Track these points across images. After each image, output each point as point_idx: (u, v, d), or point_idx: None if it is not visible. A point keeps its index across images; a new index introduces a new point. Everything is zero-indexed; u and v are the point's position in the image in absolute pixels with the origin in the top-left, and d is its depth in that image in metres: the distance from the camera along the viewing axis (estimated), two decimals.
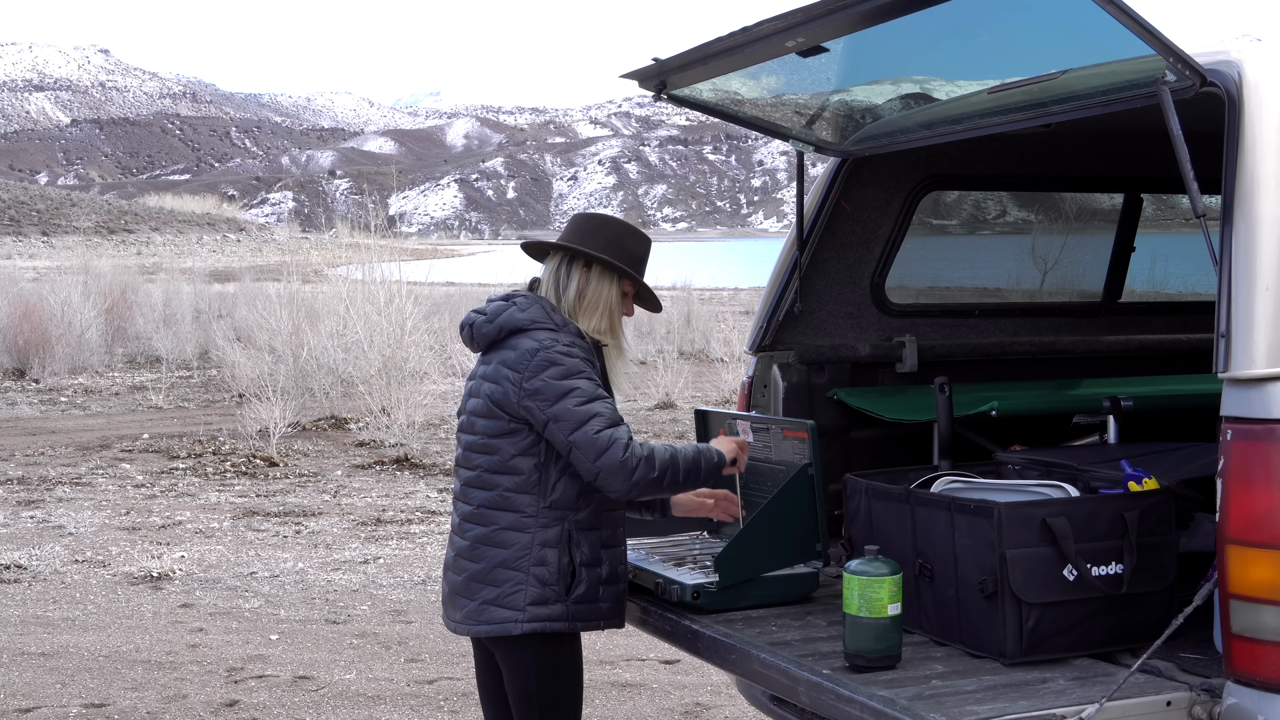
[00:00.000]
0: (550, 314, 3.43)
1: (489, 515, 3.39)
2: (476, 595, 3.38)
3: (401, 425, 12.93)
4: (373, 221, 19.95)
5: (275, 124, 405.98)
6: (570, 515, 3.37)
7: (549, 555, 3.35)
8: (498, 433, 3.37)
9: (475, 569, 3.39)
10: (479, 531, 3.40)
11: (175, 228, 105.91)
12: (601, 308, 3.48)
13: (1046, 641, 2.95)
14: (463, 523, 3.47)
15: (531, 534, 3.35)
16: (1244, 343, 2.63)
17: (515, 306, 3.45)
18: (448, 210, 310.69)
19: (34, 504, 10.41)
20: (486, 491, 3.40)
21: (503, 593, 3.35)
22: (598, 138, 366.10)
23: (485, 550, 3.38)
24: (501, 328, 3.42)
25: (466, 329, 3.54)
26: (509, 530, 3.36)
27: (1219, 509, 2.67)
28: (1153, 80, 2.78)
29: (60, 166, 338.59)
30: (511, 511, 3.36)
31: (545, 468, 3.35)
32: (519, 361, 3.33)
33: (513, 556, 3.35)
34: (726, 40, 3.25)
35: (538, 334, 3.37)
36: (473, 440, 3.45)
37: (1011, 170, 4.82)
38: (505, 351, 3.39)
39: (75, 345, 19.88)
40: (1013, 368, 4.77)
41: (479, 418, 3.42)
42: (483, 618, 3.38)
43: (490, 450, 3.39)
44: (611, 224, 3.57)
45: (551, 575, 3.35)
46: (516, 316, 3.42)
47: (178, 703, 5.94)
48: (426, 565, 8.45)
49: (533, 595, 3.34)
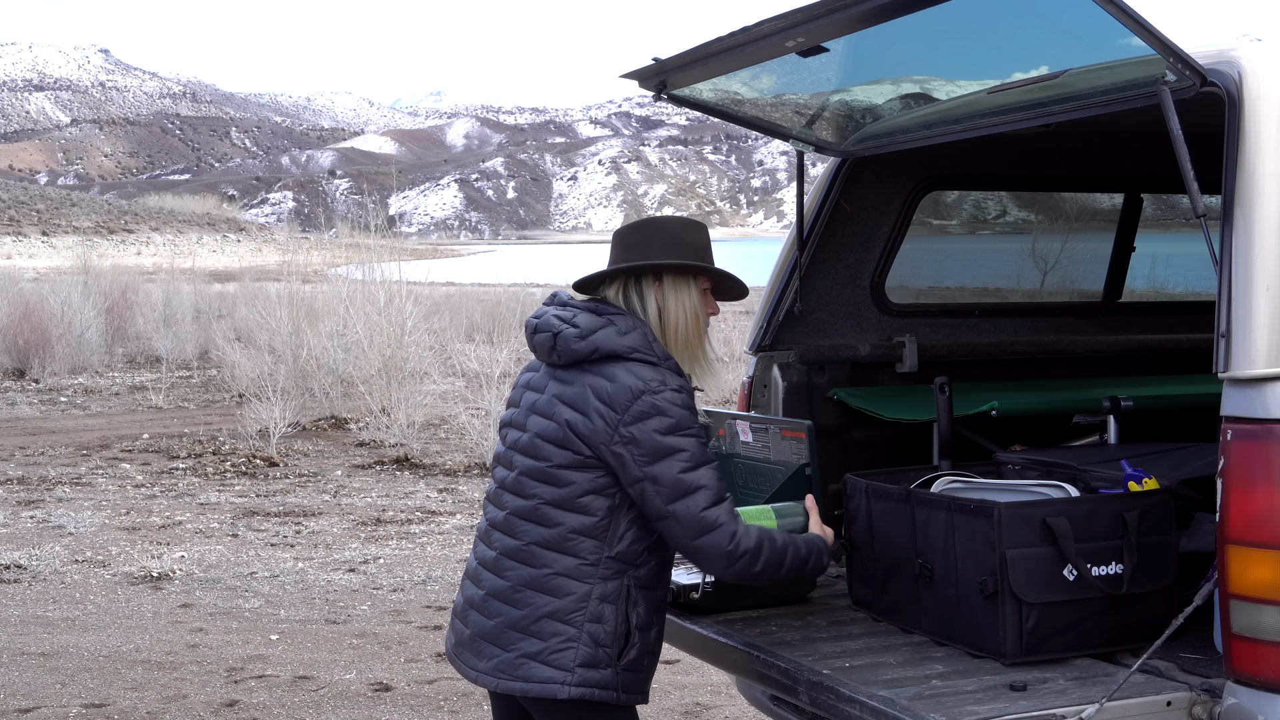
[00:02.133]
0: (652, 344, 3.00)
1: (542, 556, 2.96)
2: (513, 646, 2.96)
3: (401, 425, 12.93)
4: (373, 221, 19.94)
5: (275, 124, 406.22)
6: (631, 570, 2.97)
7: (606, 612, 2.94)
8: (571, 464, 2.96)
9: (515, 615, 2.97)
10: (526, 574, 2.97)
11: (175, 228, 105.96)
12: (687, 320, 3.08)
13: (1046, 641, 2.94)
14: (502, 558, 3.02)
15: (590, 585, 2.94)
16: (1244, 343, 2.63)
17: (615, 327, 3.00)
18: (448, 210, 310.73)
19: (34, 504, 10.41)
20: (544, 528, 2.97)
21: (548, 648, 2.93)
22: (598, 138, 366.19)
23: (531, 596, 2.96)
24: (597, 349, 2.98)
25: (548, 336, 3.07)
26: (565, 577, 2.94)
27: (1219, 509, 2.67)
28: (1153, 80, 2.78)
29: (60, 166, 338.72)
30: (571, 556, 2.94)
31: (617, 512, 2.96)
32: (617, 398, 2.92)
33: (566, 608, 2.93)
34: (726, 40, 3.25)
35: (639, 369, 2.94)
36: (535, 466, 3.01)
37: (1011, 170, 4.82)
38: (597, 379, 2.96)
39: (75, 345, 19.88)
40: (1013, 368, 4.77)
41: (549, 443, 2.99)
42: (519, 672, 2.95)
43: (558, 481, 2.97)
44: (661, 224, 3.17)
45: (606, 635, 2.94)
46: (616, 341, 2.98)
47: (178, 703, 5.94)
48: (426, 565, 8.45)
49: (584, 656, 2.92)
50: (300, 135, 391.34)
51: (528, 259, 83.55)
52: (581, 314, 3.05)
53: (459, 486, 11.16)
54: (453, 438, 13.36)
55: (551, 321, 3.06)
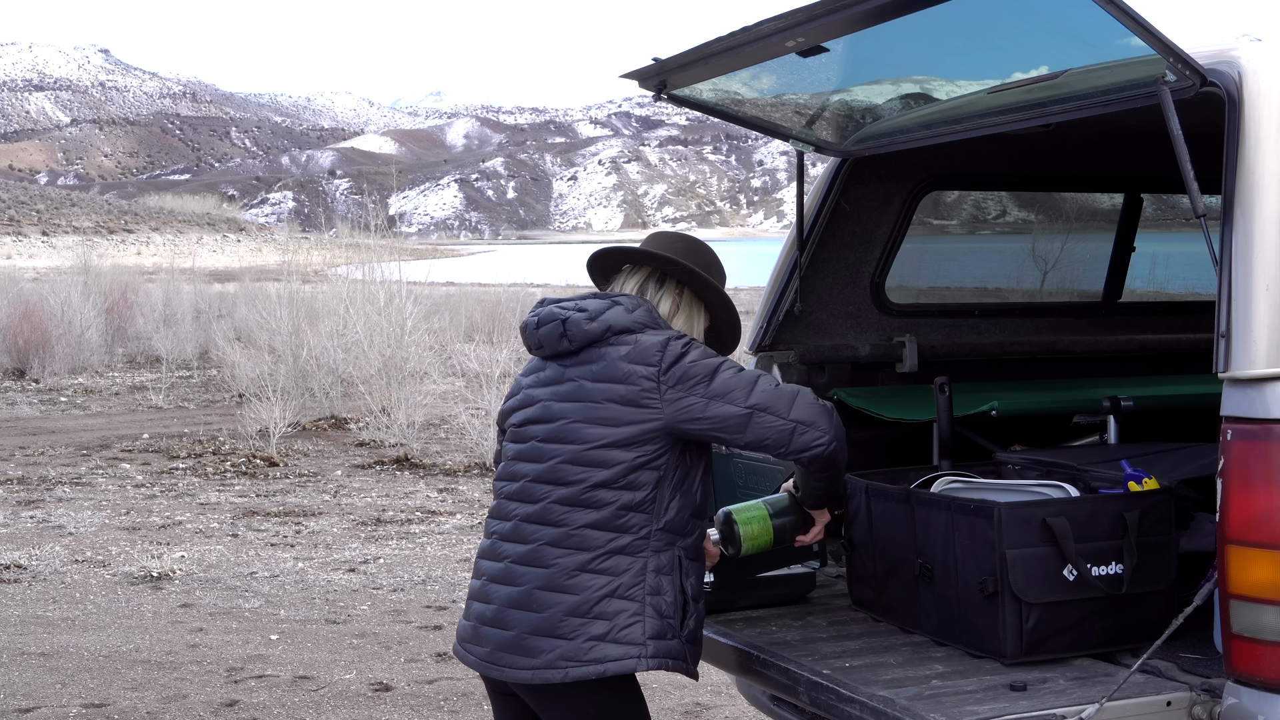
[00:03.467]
0: (657, 320, 3.06)
1: (594, 538, 2.93)
2: (576, 633, 2.90)
3: (401, 425, 12.93)
4: (373, 221, 19.95)
5: (275, 124, 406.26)
6: (680, 540, 2.99)
7: (664, 584, 2.94)
8: (617, 441, 2.94)
9: (573, 601, 2.91)
10: (578, 558, 2.93)
11: (175, 228, 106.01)
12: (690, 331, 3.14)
13: (1046, 641, 2.94)
14: (544, 548, 2.97)
15: (644, 559, 2.94)
16: (1244, 343, 2.63)
17: (621, 306, 3.05)
18: (448, 210, 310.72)
19: (34, 504, 10.41)
20: (593, 511, 2.94)
21: (615, 625, 2.90)
22: (598, 138, 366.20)
23: (588, 579, 2.91)
24: (610, 327, 3.01)
25: (556, 325, 3.08)
26: (620, 554, 2.93)
27: (1219, 509, 2.67)
28: (1153, 80, 2.78)
29: (60, 166, 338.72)
30: (624, 533, 2.93)
31: (663, 483, 2.96)
32: (647, 354, 2.95)
33: (626, 584, 2.92)
34: (726, 40, 3.24)
35: (652, 335, 3.00)
36: (576, 451, 2.97)
37: (1011, 170, 4.82)
38: (617, 348, 2.99)
39: (75, 345, 19.89)
40: (1013, 368, 4.77)
41: (589, 423, 2.96)
42: (591, 655, 2.89)
43: (604, 463, 2.94)
44: (705, 249, 3.21)
45: (668, 606, 2.94)
46: (625, 317, 3.02)
47: (178, 703, 5.94)
48: (426, 565, 8.45)
49: (653, 628, 2.91)
50: (300, 135, 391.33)
51: (528, 259, 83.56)
52: (585, 300, 3.09)
53: (459, 486, 11.16)
54: (453, 438, 13.37)
55: (555, 311, 3.10)
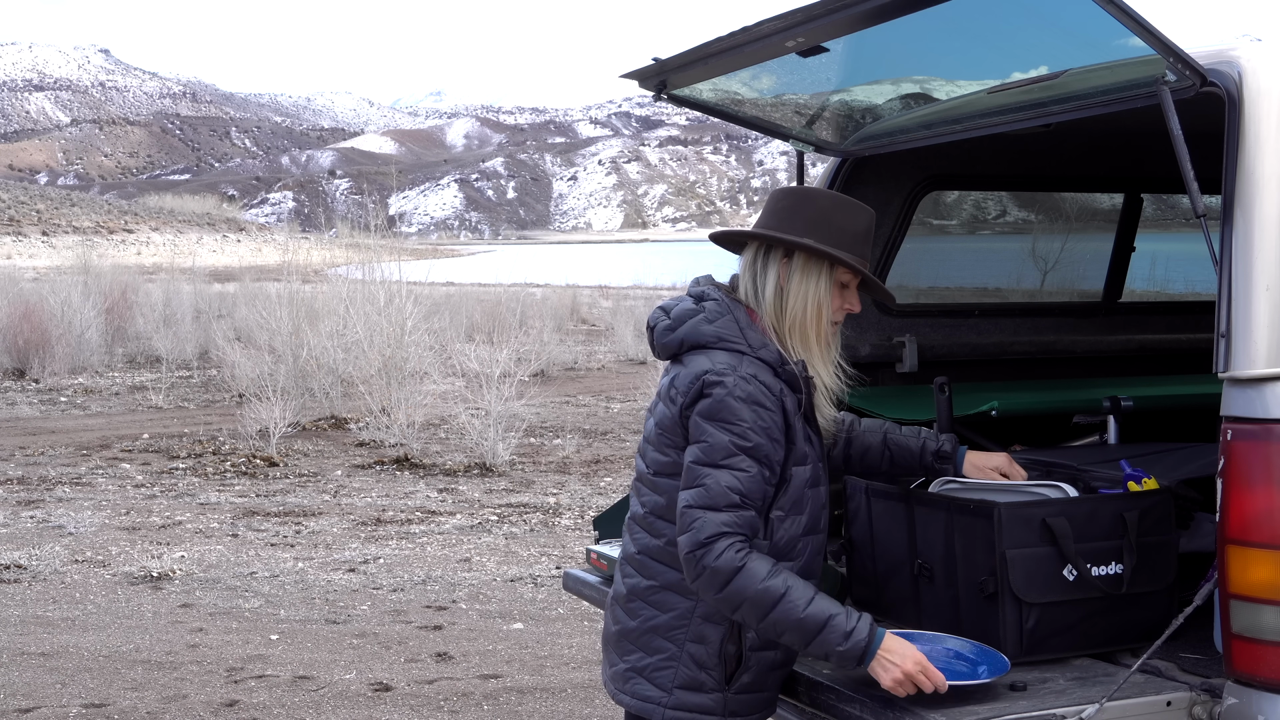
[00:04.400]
0: (744, 331, 2.78)
1: (650, 566, 2.82)
2: (627, 656, 2.84)
3: (401, 425, 12.93)
4: (373, 221, 19.94)
5: (275, 124, 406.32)
6: None
7: (708, 633, 2.75)
8: (665, 470, 2.79)
9: (629, 625, 2.84)
10: (638, 583, 2.84)
11: (175, 228, 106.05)
12: (806, 309, 2.80)
13: (1046, 641, 2.94)
14: (624, 563, 2.91)
15: (694, 601, 2.75)
16: (1244, 343, 2.63)
17: (703, 315, 2.81)
18: (448, 210, 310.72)
19: (34, 504, 10.41)
20: (651, 538, 2.82)
21: (652, 664, 2.78)
22: (598, 138, 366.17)
23: (641, 607, 2.82)
24: (683, 341, 2.82)
25: (649, 332, 2.95)
26: (668, 591, 2.78)
27: (1219, 509, 2.67)
28: (1153, 80, 2.78)
29: (60, 166, 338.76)
30: (674, 569, 2.75)
31: None
32: (684, 381, 2.76)
33: (669, 624, 2.77)
34: (726, 40, 3.24)
35: (717, 355, 2.75)
36: (643, 472, 2.87)
37: (1011, 170, 4.82)
38: (680, 368, 2.81)
39: (75, 345, 19.89)
40: (1013, 368, 4.77)
41: (650, 446, 2.86)
42: (627, 687, 2.83)
43: (656, 490, 2.81)
44: (815, 197, 2.87)
45: (709, 658, 2.75)
46: (701, 329, 2.80)
47: (178, 703, 5.94)
48: (426, 565, 8.45)
49: (683, 677, 2.76)
50: (300, 135, 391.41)
51: (528, 259, 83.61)
52: (679, 306, 2.88)
53: (459, 486, 11.16)
54: (453, 438, 13.37)
55: (655, 315, 2.93)
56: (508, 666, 6.39)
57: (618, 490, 10.74)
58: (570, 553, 8.72)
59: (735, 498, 2.63)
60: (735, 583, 2.58)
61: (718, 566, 2.59)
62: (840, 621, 2.60)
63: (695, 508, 2.63)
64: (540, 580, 8.04)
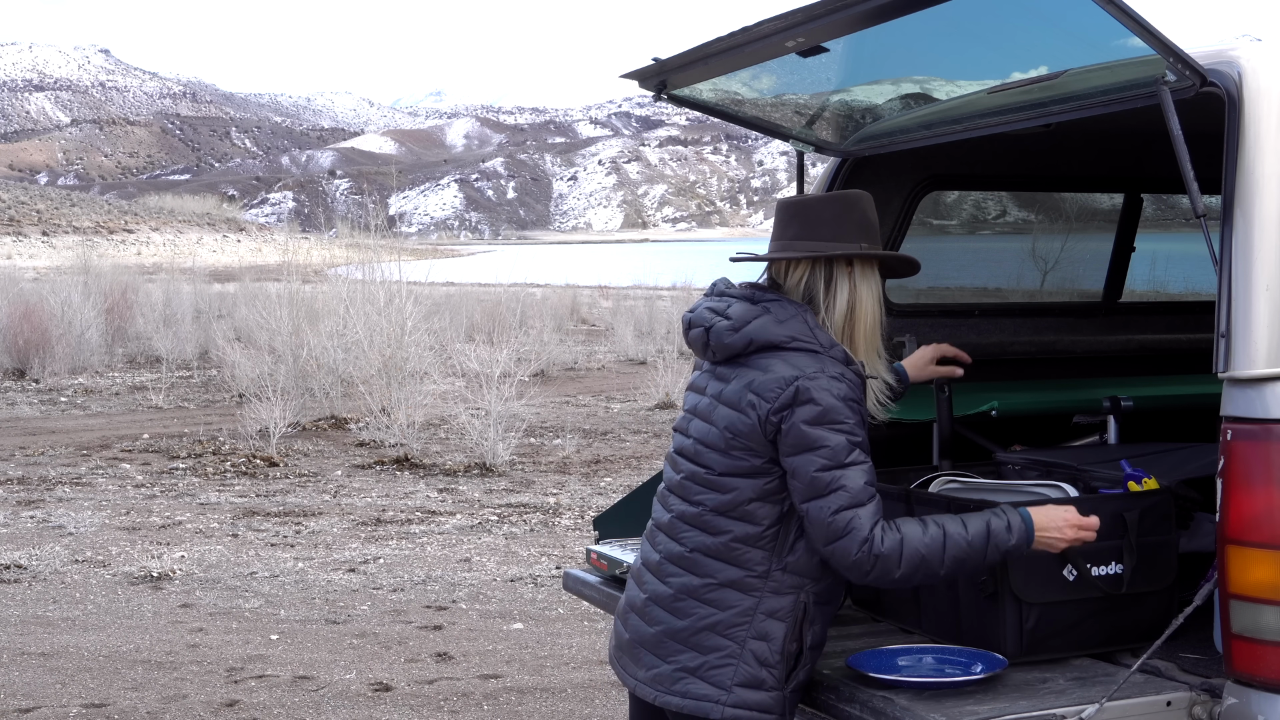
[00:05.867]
0: (815, 331, 2.77)
1: (705, 565, 2.79)
2: (673, 657, 2.79)
3: (401, 425, 12.93)
4: (373, 221, 19.94)
5: (275, 124, 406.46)
6: (808, 585, 2.77)
7: (773, 629, 2.74)
8: (735, 470, 2.76)
9: (676, 625, 2.80)
10: (689, 582, 2.80)
11: (175, 227, 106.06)
12: (878, 311, 2.88)
13: (1046, 641, 2.94)
14: (665, 563, 2.86)
15: (757, 598, 2.75)
16: (1244, 343, 2.63)
17: (771, 315, 2.78)
18: (448, 210, 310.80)
19: (34, 504, 10.41)
20: (709, 536, 2.79)
21: (707, 663, 2.75)
22: (598, 138, 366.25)
23: (694, 606, 2.78)
24: (751, 341, 2.78)
25: (701, 332, 2.88)
26: (728, 588, 2.76)
27: (1219, 509, 2.67)
28: (1153, 80, 2.78)
29: (60, 166, 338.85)
30: (737, 566, 2.76)
31: (787, 519, 2.75)
32: (768, 388, 2.71)
33: (728, 621, 2.75)
34: (726, 40, 3.24)
35: (797, 358, 2.73)
36: (698, 472, 2.83)
37: (1011, 170, 4.82)
38: (752, 372, 2.76)
39: (75, 345, 19.89)
40: (1013, 368, 4.76)
41: (710, 449, 2.81)
42: (676, 687, 2.78)
43: (721, 488, 2.78)
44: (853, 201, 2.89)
45: (772, 655, 2.74)
46: (772, 330, 2.77)
47: (178, 703, 5.94)
48: (426, 565, 8.45)
49: (744, 675, 2.73)
50: (300, 135, 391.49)
51: (528, 259, 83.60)
52: (736, 304, 2.85)
53: (459, 486, 11.16)
54: (453, 438, 13.37)
55: (704, 315, 2.88)
56: (508, 666, 6.40)
57: (618, 490, 10.73)
58: (570, 553, 8.72)
59: (871, 489, 2.70)
60: (905, 554, 2.66)
61: (885, 552, 2.65)
62: (997, 524, 2.73)
63: (845, 510, 2.65)
64: (540, 580, 8.05)
